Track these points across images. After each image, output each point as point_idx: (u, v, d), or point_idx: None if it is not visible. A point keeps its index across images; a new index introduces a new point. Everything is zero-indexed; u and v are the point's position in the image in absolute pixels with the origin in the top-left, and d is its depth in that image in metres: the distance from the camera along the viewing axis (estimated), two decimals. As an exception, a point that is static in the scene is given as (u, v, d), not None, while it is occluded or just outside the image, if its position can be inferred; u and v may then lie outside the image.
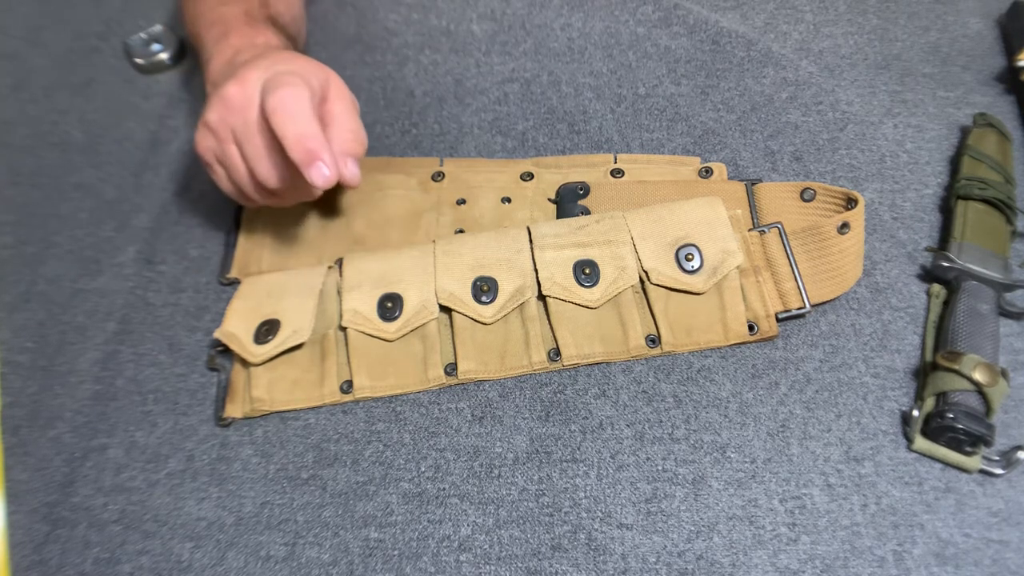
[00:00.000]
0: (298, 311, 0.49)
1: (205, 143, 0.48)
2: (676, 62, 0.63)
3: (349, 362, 0.48)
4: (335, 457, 0.47)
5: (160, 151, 0.62)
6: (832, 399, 0.46)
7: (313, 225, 0.55)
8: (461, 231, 0.54)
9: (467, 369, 0.48)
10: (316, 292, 0.49)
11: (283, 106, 0.43)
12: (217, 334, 0.49)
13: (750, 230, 0.50)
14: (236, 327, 0.49)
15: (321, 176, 0.44)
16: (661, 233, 0.49)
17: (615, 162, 0.57)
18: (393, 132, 0.61)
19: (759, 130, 0.58)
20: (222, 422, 0.48)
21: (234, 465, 0.47)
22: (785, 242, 0.49)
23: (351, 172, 0.47)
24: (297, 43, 0.59)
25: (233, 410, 0.48)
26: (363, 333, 0.48)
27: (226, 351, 0.50)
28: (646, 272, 0.48)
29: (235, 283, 0.54)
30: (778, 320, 0.48)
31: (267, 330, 0.48)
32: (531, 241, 0.50)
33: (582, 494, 0.44)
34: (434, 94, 0.63)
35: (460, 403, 0.48)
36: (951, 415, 0.42)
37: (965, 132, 0.56)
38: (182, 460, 0.47)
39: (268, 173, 0.47)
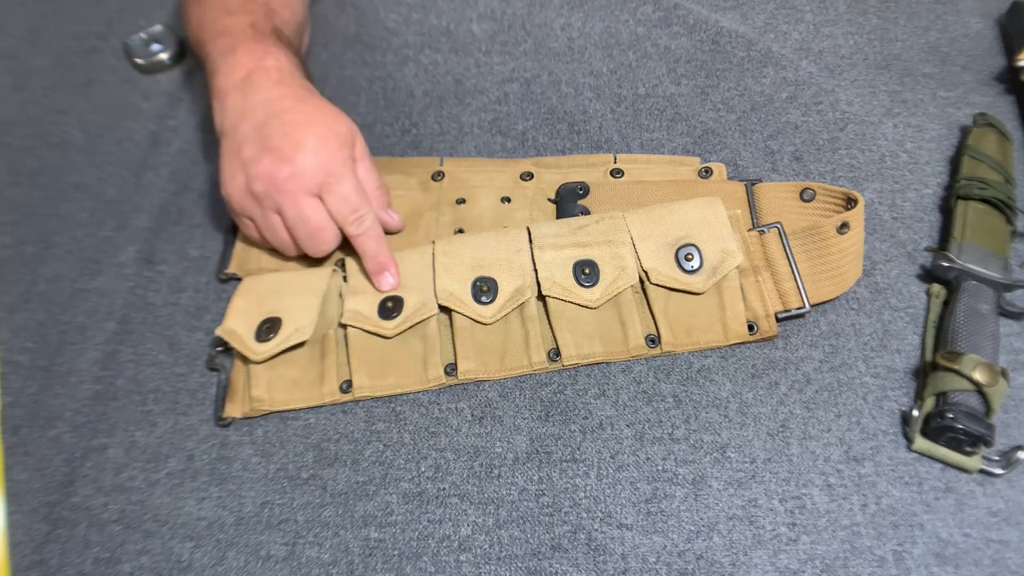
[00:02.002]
0: (300, 310, 0.49)
1: (244, 203, 0.49)
2: (676, 62, 0.63)
3: (349, 362, 0.48)
4: (335, 457, 0.47)
5: (160, 151, 0.62)
6: (832, 399, 0.46)
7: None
8: (461, 231, 0.54)
9: (467, 369, 0.48)
10: (319, 292, 0.49)
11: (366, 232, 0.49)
12: (219, 332, 0.49)
13: (750, 230, 0.50)
14: (237, 325, 0.49)
15: (388, 284, 0.50)
16: (661, 233, 0.49)
17: (615, 162, 0.57)
18: (393, 132, 0.61)
19: (759, 130, 0.58)
20: (222, 422, 0.48)
21: (234, 465, 0.47)
22: (785, 242, 0.49)
23: (395, 220, 0.53)
24: (301, 50, 0.59)
25: (233, 410, 0.48)
26: (363, 331, 0.48)
27: (226, 351, 0.50)
28: (646, 272, 0.48)
29: (233, 279, 0.54)
30: (778, 320, 0.48)
31: (268, 328, 0.48)
32: (531, 241, 0.50)
33: (582, 494, 0.44)
34: (434, 94, 0.63)
35: (460, 403, 0.48)
36: (951, 415, 0.42)
37: (965, 132, 0.56)
38: (182, 460, 0.47)
39: (310, 243, 0.50)
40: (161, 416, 0.49)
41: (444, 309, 0.49)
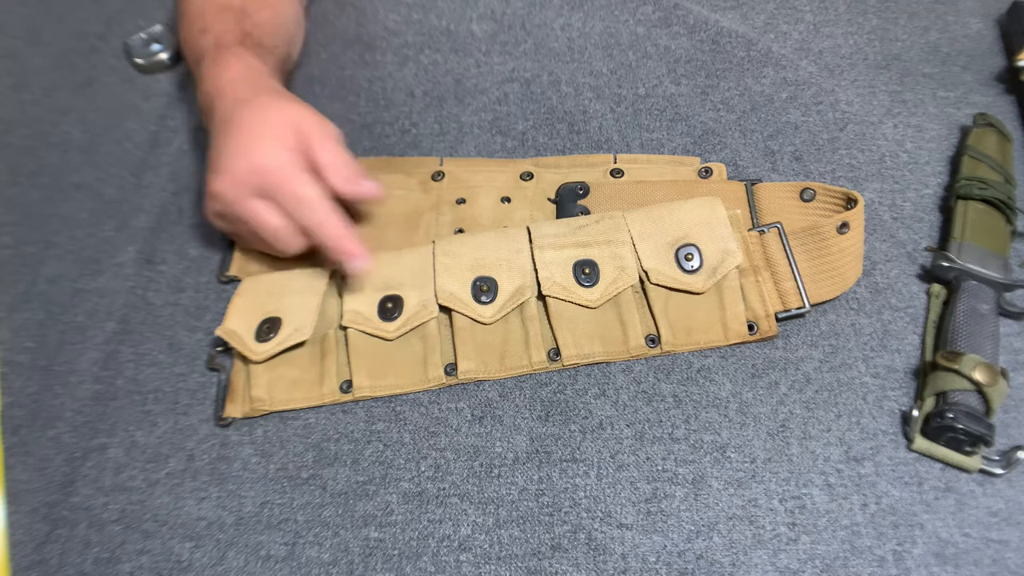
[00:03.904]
0: (300, 309, 0.49)
1: (219, 224, 0.51)
2: (676, 62, 0.63)
3: (349, 362, 0.48)
4: (335, 457, 0.47)
5: (160, 151, 0.62)
6: (832, 399, 0.46)
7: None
8: (461, 231, 0.54)
9: (467, 369, 0.48)
10: (319, 292, 0.49)
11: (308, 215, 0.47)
12: (219, 332, 0.49)
13: (750, 230, 0.50)
14: (237, 325, 0.49)
15: (358, 267, 0.48)
16: (661, 233, 0.49)
17: (615, 162, 0.57)
18: (393, 132, 0.61)
19: (759, 130, 0.58)
20: (222, 422, 0.48)
21: (234, 465, 0.47)
22: (785, 242, 0.49)
23: (369, 189, 0.50)
24: (284, 47, 0.59)
25: (233, 410, 0.48)
26: (363, 332, 0.48)
27: (226, 351, 0.50)
28: (646, 272, 0.48)
29: (234, 281, 0.54)
30: (778, 320, 0.48)
31: (268, 328, 0.48)
32: (531, 241, 0.50)
33: (582, 494, 0.44)
34: (434, 94, 0.63)
35: (460, 403, 0.48)
36: (951, 415, 0.42)
37: (965, 132, 0.56)
38: (182, 460, 0.47)
39: (278, 246, 0.49)
40: (161, 416, 0.49)
41: (444, 309, 0.49)
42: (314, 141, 0.48)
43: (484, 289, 0.48)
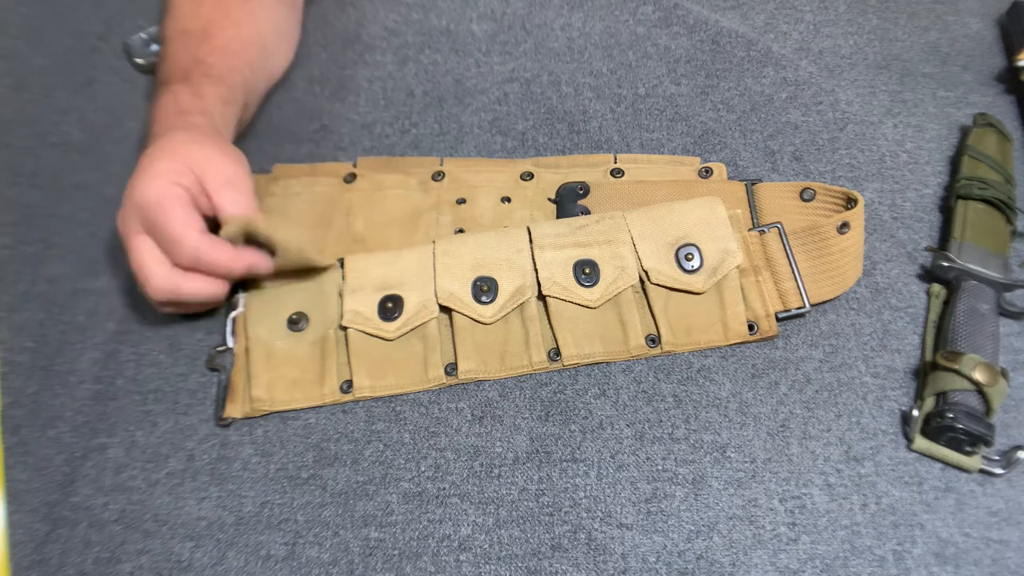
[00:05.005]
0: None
1: None
2: (676, 62, 0.63)
3: (349, 362, 0.48)
4: (335, 457, 0.47)
5: (160, 151, 0.62)
6: (832, 399, 0.46)
7: (313, 225, 0.55)
8: (461, 231, 0.54)
9: (467, 369, 0.48)
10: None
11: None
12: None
13: (750, 230, 0.50)
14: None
15: (267, 268, 0.49)
16: (661, 233, 0.49)
17: (615, 162, 0.57)
18: (393, 132, 0.61)
19: (759, 130, 0.58)
20: (222, 422, 0.48)
21: (234, 465, 0.47)
22: (785, 242, 0.49)
23: (253, 261, 0.48)
24: (241, 75, 0.55)
25: (233, 410, 0.48)
26: (363, 333, 0.48)
27: (226, 351, 0.50)
28: (646, 272, 0.48)
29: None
30: (778, 320, 0.48)
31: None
32: (531, 241, 0.50)
33: (582, 494, 0.44)
34: (434, 94, 0.63)
35: (460, 403, 0.48)
36: (951, 415, 0.42)
37: (965, 132, 0.56)
38: (182, 460, 0.47)
39: (154, 285, 0.47)
40: (161, 416, 0.49)
41: (444, 309, 0.49)
42: (212, 185, 0.47)
43: (484, 289, 0.48)
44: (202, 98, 0.51)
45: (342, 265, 0.52)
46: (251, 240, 0.48)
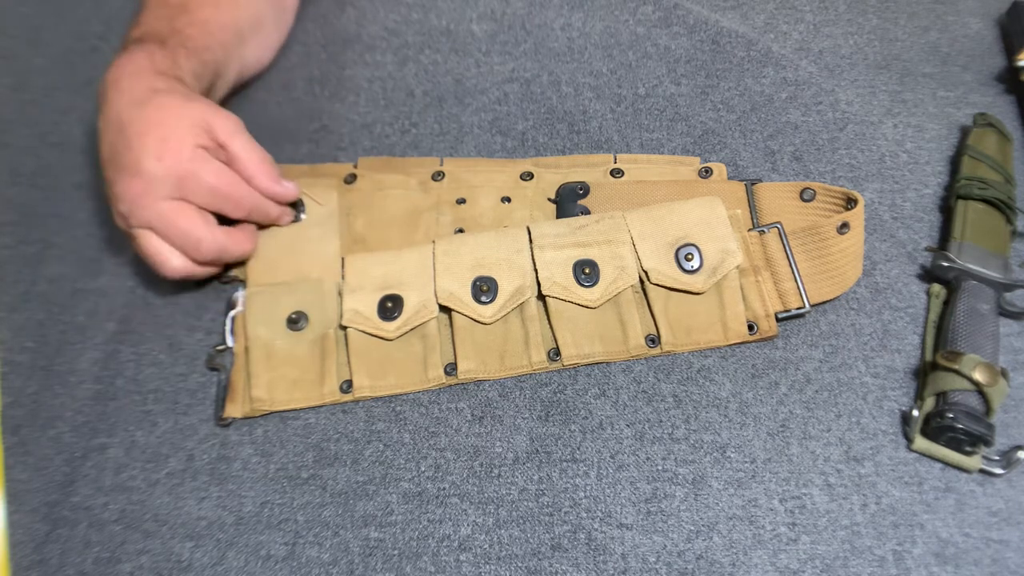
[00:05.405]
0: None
1: (121, 224, 0.49)
2: (676, 62, 0.63)
3: (349, 362, 0.49)
4: (335, 457, 0.47)
5: (160, 151, 0.62)
6: (832, 399, 0.46)
7: (314, 225, 0.55)
8: (461, 231, 0.54)
9: (467, 369, 0.48)
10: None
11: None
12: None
13: (750, 230, 0.50)
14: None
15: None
16: (661, 233, 0.49)
17: (615, 162, 0.57)
18: (393, 132, 0.61)
19: (759, 130, 0.58)
20: (222, 422, 0.48)
21: (234, 465, 0.47)
22: (785, 242, 0.49)
23: (288, 190, 0.52)
24: (215, 55, 0.55)
25: (233, 410, 0.48)
26: (363, 332, 0.48)
27: (225, 350, 0.50)
28: (646, 272, 0.48)
29: (235, 281, 0.54)
30: (778, 320, 0.48)
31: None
32: (531, 241, 0.50)
33: (582, 494, 0.44)
34: (434, 94, 0.63)
35: (460, 403, 0.48)
36: (951, 415, 0.42)
37: (965, 132, 0.56)
38: (182, 460, 0.47)
39: (199, 250, 0.49)
40: (161, 416, 0.49)
41: (444, 309, 0.49)
42: (223, 136, 0.48)
43: (484, 289, 0.48)
44: (178, 66, 0.51)
45: (342, 265, 0.52)
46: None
